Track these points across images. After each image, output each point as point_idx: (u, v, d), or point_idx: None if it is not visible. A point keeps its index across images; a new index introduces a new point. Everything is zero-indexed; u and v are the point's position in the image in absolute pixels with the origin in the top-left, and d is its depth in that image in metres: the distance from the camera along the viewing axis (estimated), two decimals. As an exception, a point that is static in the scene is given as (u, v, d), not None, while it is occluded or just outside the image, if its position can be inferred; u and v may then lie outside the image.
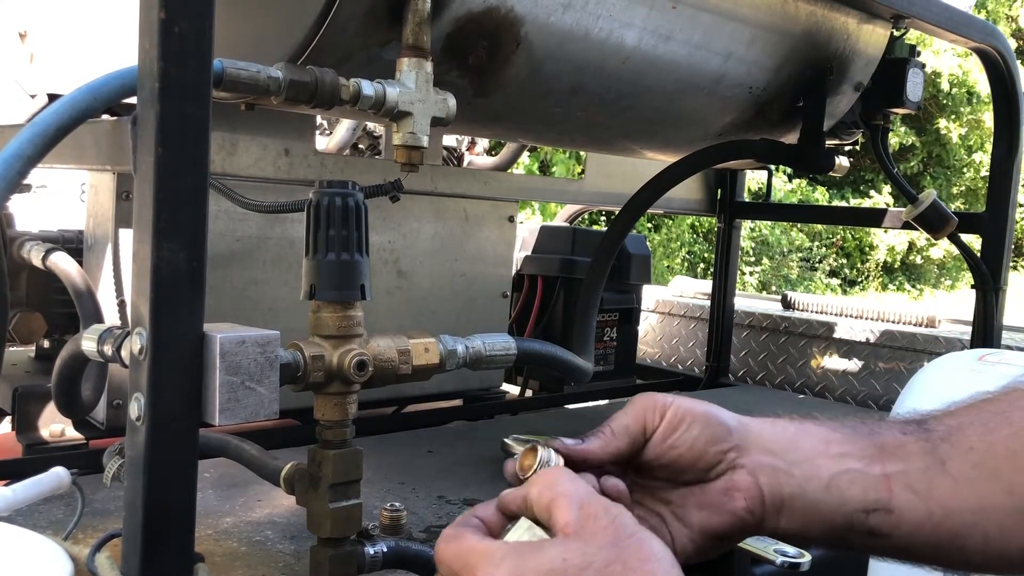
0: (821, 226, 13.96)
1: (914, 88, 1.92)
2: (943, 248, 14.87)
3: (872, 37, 1.91)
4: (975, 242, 2.13)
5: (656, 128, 1.86)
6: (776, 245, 14.25)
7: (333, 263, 0.91)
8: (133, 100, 0.78)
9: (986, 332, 2.02)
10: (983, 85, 13.46)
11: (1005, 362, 1.56)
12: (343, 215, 0.91)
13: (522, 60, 1.38)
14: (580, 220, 3.21)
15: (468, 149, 2.82)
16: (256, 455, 1.01)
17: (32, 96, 1.80)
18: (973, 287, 2.09)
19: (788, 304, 2.95)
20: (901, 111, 1.97)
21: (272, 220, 1.75)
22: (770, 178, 2.72)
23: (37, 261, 1.59)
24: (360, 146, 2.62)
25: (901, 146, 15.16)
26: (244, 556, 1.14)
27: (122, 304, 1.55)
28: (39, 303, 1.81)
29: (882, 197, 14.56)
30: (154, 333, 0.71)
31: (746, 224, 7.93)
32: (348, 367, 0.91)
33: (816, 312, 2.84)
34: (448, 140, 2.68)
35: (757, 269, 14.08)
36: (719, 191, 2.68)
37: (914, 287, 16.50)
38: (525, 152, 3.16)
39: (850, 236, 15.30)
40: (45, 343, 1.86)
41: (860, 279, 15.95)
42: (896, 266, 16.29)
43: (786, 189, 13.08)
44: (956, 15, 1.85)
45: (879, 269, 16.13)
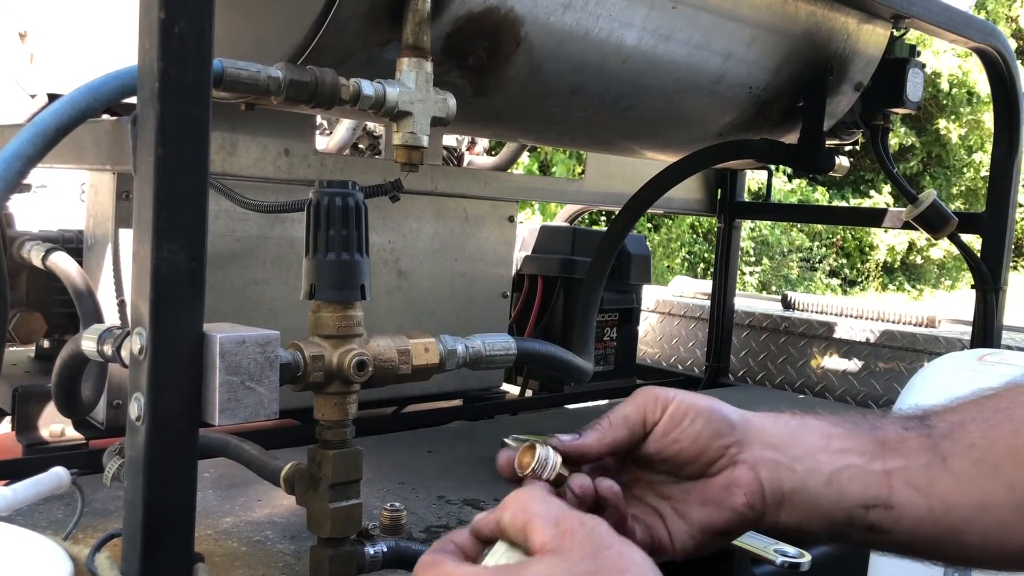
0: (821, 226, 13.96)
1: (914, 88, 1.92)
2: (943, 248, 14.86)
3: (872, 37, 1.91)
4: (975, 242, 2.13)
5: (656, 128, 1.86)
6: (776, 245, 14.25)
7: (333, 263, 0.91)
8: (133, 100, 0.78)
9: (986, 332, 2.02)
10: (983, 85, 13.47)
11: (1005, 362, 1.56)
12: (343, 215, 0.91)
13: (522, 60, 1.38)
14: (580, 220, 3.20)
15: (468, 149, 2.82)
16: (256, 455, 1.01)
17: (32, 96, 1.80)
18: (973, 287, 2.09)
19: (788, 304, 2.95)
20: (901, 111, 1.97)
21: (272, 220, 1.75)
22: (770, 178, 2.72)
23: (37, 261, 1.59)
24: (360, 146, 2.62)
25: (901, 146, 15.16)
26: (244, 556, 1.14)
27: (122, 304, 1.55)
28: (39, 303, 1.81)
29: (882, 197, 14.56)
30: (154, 333, 0.71)
31: (746, 224, 7.93)
32: (348, 367, 0.91)
33: (816, 312, 2.84)
34: (448, 140, 2.68)
35: (757, 269, 14.08)
36: (719, 191, 2.67)
37: (914, 287, 16.50)
38: (525, 152, 3.15)
39: (850, 236, 15.30)
40: (45, 343, 1.86)
41: (860, 279, 15.95)
42: (896, 266, 16.28)
43: (786, 189, 13.07)
44: (956, 15, 1.85)
45: (879, 269, 16.13)
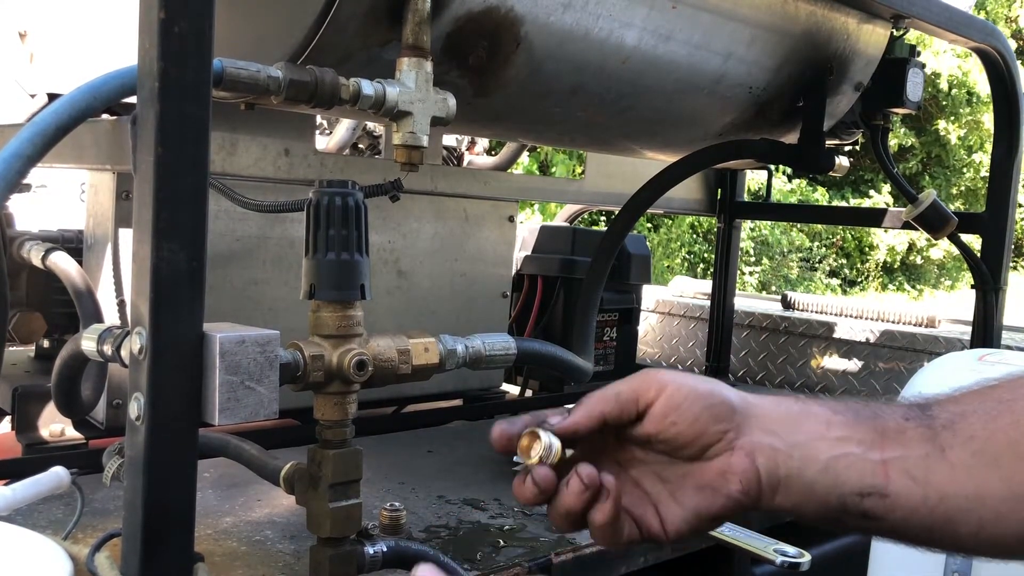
0: (821, 226, 13.96)
1: (914, 88, 1.92)
2: (943, 248, 14.85)
3: (872, 37, 1.91)
4: (975, 242, 2.13)
5: (656, 128, 1.86)
6: (776, 245, 14.24)
7: (333, 263, 0.91)
8: (133, 100, 0.78)
9: (986, 332, 2.02)
10: (983, 86, 13.46)
11: (1005, 362, 1.56)
12: (343, 215, 0.91)
13: (522, 60, 1.38)
14: (580, 220, 3.20)
15: (468, 149, 2.82)
16: (256, 455, 1.01)
17: (32, 96, 1.80)
18: (973, 287, 2.09)
19: (788, 304, 2.95)
20: (901, 111, 1.97)
21: (272, 220, 1.75)
22: (770, 178, 2.72)
23: (37, 261, 1.59)
24: (360, 146, 2.62)
25: (900, 146, 15.16)
26: (244, 556, 1.14)
27: (122, 304, 1.55)
28: (39, 303, 1.81)
29: (882, 197, 14.54)
30: (154, 333, 0.71)
31: (746, 224, 7.93)
32: (348, 367, 0.91)
33: (816, 312, 2.84)
34: (448, 140, 2.68)
35: (757, 269, 14.07)
36: (719, 191, 2.67)
37: (914, 287, 16.49)
38: (525, 152, 3.15)
39: (850, 236, 15.29)
40: (45, 343, 1.86)
41: (860, 279, 15.94)
42: (896, 266, 16.27)
43: (786, 189, 13.07)
44: (956, 15, 1.85)
45: (879, 269, 16.12)
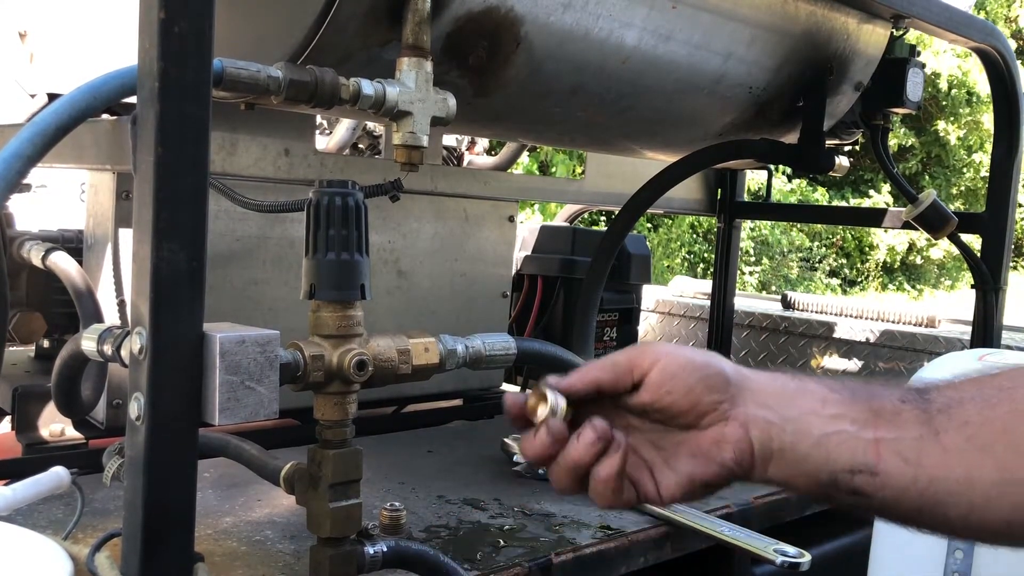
0: (821, 226, 13.95)
1: (914, 88, 1.92)
2: (943, 248, 14.84)
3: (872, 37, 1.91)
4: (975, 242, 2.13)
5: (656, 128, 1.86)
6: (776, 245, 14.23)
7: (333, 263, 0.91)
8: (133, 100, 0.78)
9: (986, 332, 2.01)
10: (983, 86, 13.45)
11: (1005, 362, 1.56)
12: (343, 215, 0.91)
13: (522, 60, 1.38)
14: (580, 220, 3.20)
15: (468, 149, 2.81)
16: (256, 455, 1.01)
17: (32, 96, 1.80)
18: (973, 287, 2.09)
19: (788, 304, 2.95)
20: (901, 111, 1.97)
21: (272, 220, 1.75)
22: (770, 178, 2.72)
23: (37, 261, 1.59)
24: (360, 146, 2.62)
25: (900, 146, 15.15)
26: (244, 556, 1.14)
27: (122, 304, 1.55)
28: (39, 303, 1.81)
29: (882, 197, 14.53)
30: (154, 333, 0.71)
31: (746, 224, 7.93)
32: (348, 367, 0.91)
33: (816, 312, 2.84)
34: (448, 140, 2.67)
35: (757, 269, 14.06)
36: (719, 191, 2.67)
37: (914, 287, 16.48)
38: (525, 152, 3.15)
39: (850, 236, 15.28)
40: (45, 343, 1.86)
41: (860, 279, 15.93)
42: (896, 266, 16.26)
43: (786, 189, 13.06)
44: (956, 15, 1.85)
45: (879, 269, 16.11)
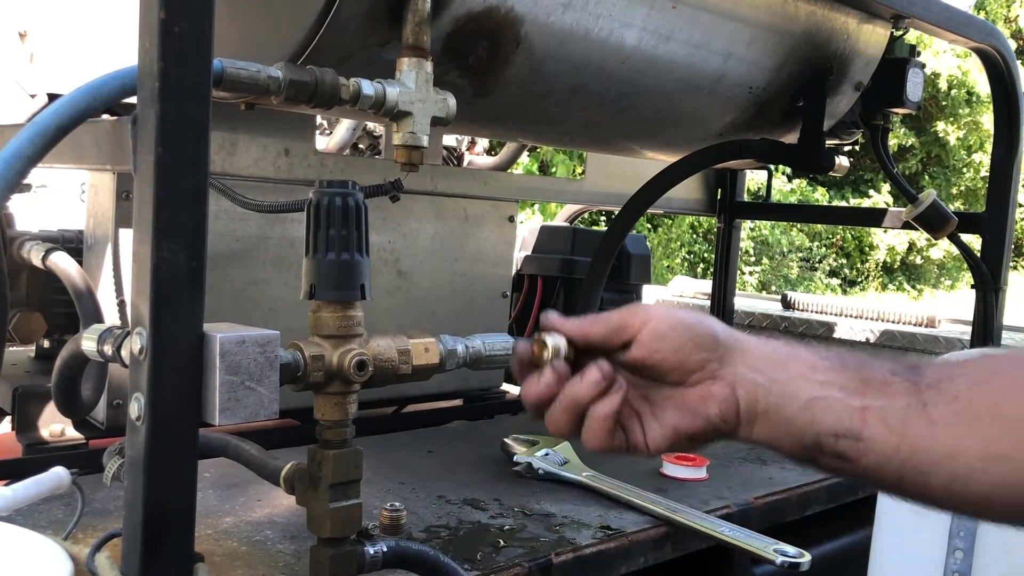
0: (821, 226, 13.95)
1: (914, 88, 1.92)
2: (943, 248, 14.84)
3: (872, 37, 1.91)
4: (975, 242, 2.13)
5: (656, 128, 1.86)
6: (776, 245, 14.23)
7: (333, 263, 0.91)
8: (133, 100, 0.78)
9: (986, 332, 2.01)
10: (982, 86, 13.44)
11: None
12: (343, 215, 0.91)
13: (522, 60, 1.38)
14: (580, 220, 3.20)
15: (468, 149, 2.82)
16: (256, 455, 1.01)
17: (32, 96, 1.80)
18: (973, 287, 2.09)
19: (788, 304, 2.95)
20: (901, 111, 1.97)
21: (272, 220, 1.75)
22: (770, 178, 2.72)
23: (37, 261, 1.59)
24: (360, 146, 2.62)
25: (900, 146, 15.14)
26: (244, 556, 1.14)
27: (122, 304, 1.55)
28: (39, 303, 1.81)
29: (882, 197, 14.53)
30: (154, 333, 0.71)
31: (746, 224, 7.92)
32: (348, 367, 0.91)
33: (816, 312, 2.84)
34: (448, 140, 2.68)
35: (757, 269, 14.06)
36: (719, 191, 2.67)
37: (914, 287, 16.47)
38: (525, 152, 3.15)
39: (850, 236, 15.27)
40: (45, 343, 1.86)
41: (860, 279, 15.93)
42: (896, 266, 16.26)
43: (786, 189, 13.06)
44: (956, 15, 1.85)
45: (879, 269, 16.10)
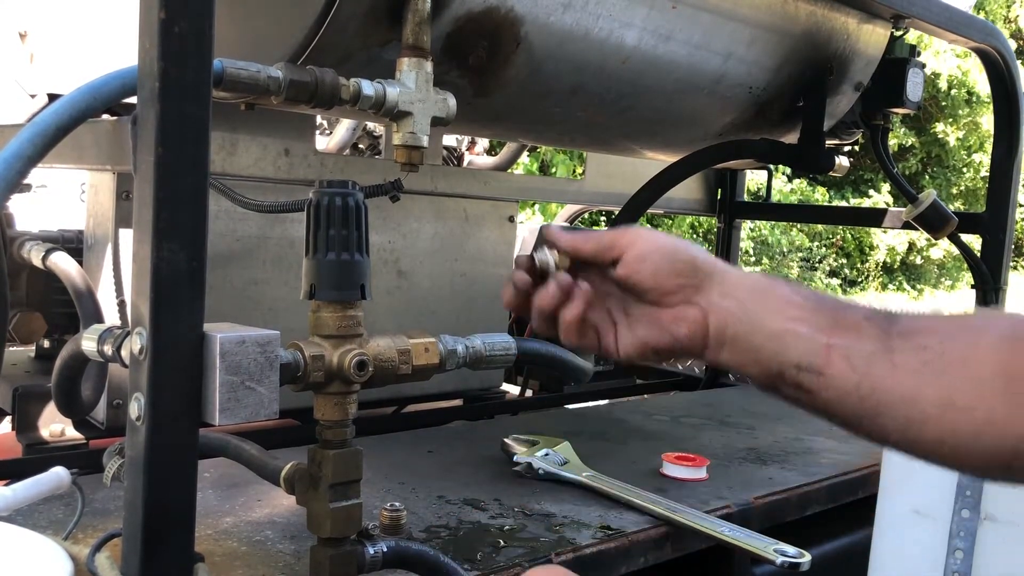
0: (821, 226, 13.95)
1: (914, 88, 1.92)
2: (943, 248, 14.83)
3: (872, 37, 1.91)
4: (975, 242, 2.13)
5: (656, 128, 1.86)
6: (776, 245, 14.23)
7: (333, 263, 0.91)
8: (133, 100, 0.78)
9: (986, 332, 2.01)
10: (982, 86, 13.44)
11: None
12: (343, 215, 0.91)
13: (522, 60, 1.38)
14: (580, 220, 3.20)
15: (468, 149, 2.82)
16: (256, 455, 1.01)
17: (32, 96, 1.80)
18: (973, 287, 2.09)
19: (788, 304, 2.94)
20: (901, 111, 1.97)
21: (272, 220, 1.75)
22: (770, 178, 2.72)
23: (37, 261, 1.59)
24: (360, 146, 2.62)
25: (900, 146, 15.14)
26: (244, 556, 1.14)
27: (122, 304, 1.55)
28: (39, 303, 1.81)
29: (882, 197, 14.52)
30: (154, 333, 0.71)
31: (746, 224, 7.93)
32: (348, 367, 0.91)
33: (816, 312, 2.83)
34: (448, 140, 2.68)
35: (757, 269, 14.06)
36: (719, 191, 2.67)
37: (914, 287, 16.47)
38: (525, 152, 3.15)
39: (850, 236, 15.27)
40: (45, 343, 1.86)
41: (860, 279, 15.92)
42: (896, 266, 16.25)
43: (786, 189, 13.06)
44: (956, 15, 1.85)
45: (879, 269, 16.10)
